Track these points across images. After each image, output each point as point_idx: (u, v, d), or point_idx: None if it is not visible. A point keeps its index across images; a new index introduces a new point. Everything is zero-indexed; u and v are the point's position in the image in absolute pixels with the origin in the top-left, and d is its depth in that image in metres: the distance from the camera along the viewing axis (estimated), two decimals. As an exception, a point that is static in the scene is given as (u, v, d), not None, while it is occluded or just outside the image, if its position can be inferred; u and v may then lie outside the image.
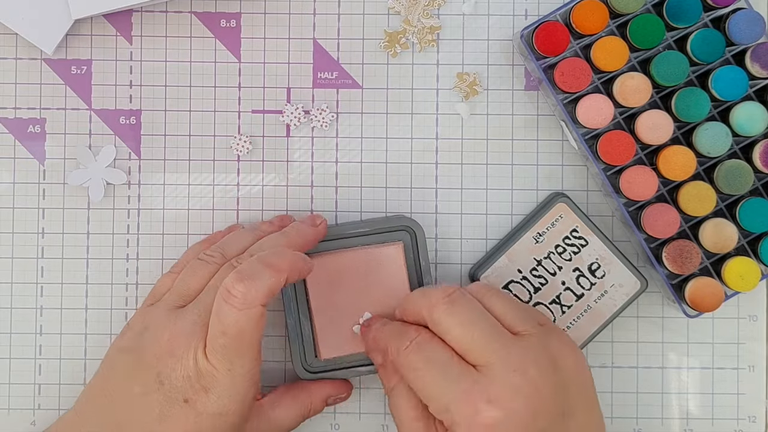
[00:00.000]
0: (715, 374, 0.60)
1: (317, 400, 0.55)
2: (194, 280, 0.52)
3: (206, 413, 0.49)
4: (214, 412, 0.49)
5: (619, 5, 0.55)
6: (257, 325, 0.48)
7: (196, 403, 0.49)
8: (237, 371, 0.48)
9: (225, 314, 0.48)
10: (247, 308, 0.47)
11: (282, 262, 0.49)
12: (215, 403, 0.49)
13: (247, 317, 0.47)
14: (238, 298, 0.47)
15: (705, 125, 0.55)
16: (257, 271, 0.48)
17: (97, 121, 0.59)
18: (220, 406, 0.49)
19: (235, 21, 0.59)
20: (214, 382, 0.49)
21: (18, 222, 0.59)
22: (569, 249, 0.57)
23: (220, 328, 0.48)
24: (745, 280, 0.55)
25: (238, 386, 0.49)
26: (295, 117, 0.59)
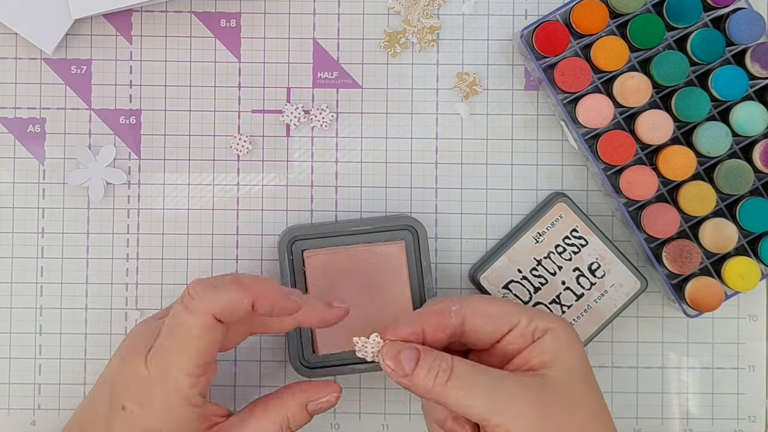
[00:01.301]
0: (715, 374, 0.60)
1: (294, 408, 0.49)
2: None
3: (138, 426, 0.46)
4: (144, 426, 0.46)
5: (619, 5, 0.55)
6: (203, 334, 0.45)
7: (132, 413, 0.46)
8: (171, 384, 0.46)
9: (176, 313, 0.46)
10: (197, 312, 0.45)
11: (252, 283, 0.46)
12: (148, 417, 0.46)
13: (194, 322, 0.45)
14: (193, 300, 0.45)
15: (705, 125, 0.55)
16: (222, 282, 0.46)
17: (97, 121, 0.59)
18: (152, 421, 0.46)
19: (235, 21, 0.59)
20: (148, 394, 0.46)
21: (18, 222, 0.59)
22: (569, 249, 0.57)
23: (167, 328, 0.46)
24: (745, 280, 0.55)
25: (171, 402, 0.46)
26: (295, 117, 0.59)
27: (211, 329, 0.46)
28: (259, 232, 0.59)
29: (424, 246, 0.57)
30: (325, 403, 0.50)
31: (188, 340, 0.45)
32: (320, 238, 0.57)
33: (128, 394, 0.46)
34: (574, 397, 0.47)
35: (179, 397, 0.46)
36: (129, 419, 0.46)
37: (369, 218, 0.58)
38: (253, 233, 0.59)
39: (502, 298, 0.53)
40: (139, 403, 0.46)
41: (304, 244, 0.57)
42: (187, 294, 0.46)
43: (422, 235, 0.57)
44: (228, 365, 0.59)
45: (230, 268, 0.59)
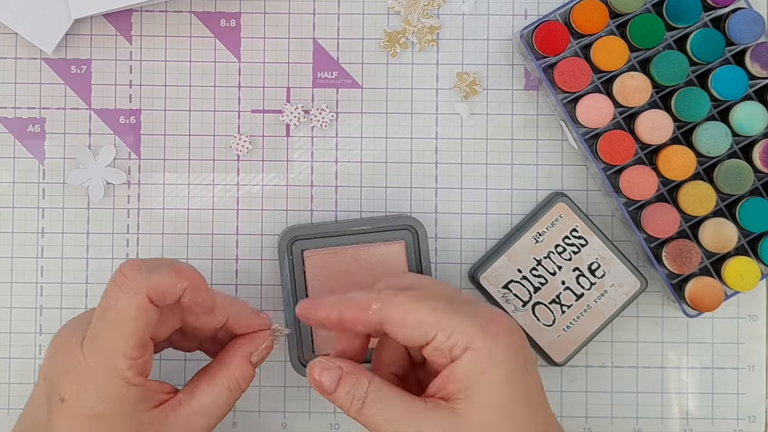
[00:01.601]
0: (715, 374, 0.60)
1: (238, 367, 0.49)
2: None
3: (78, 414, 0.45)
4: (84, 414, 0.45)
5: (619, 5, 0.55)
6: (139, 314, 0.45)
7: (71, 404, 0.45)
8: (109, 367, 0.45)
9: (108, 294, 0.45)
10: (131, 291, 0.45)
11: (186, 270, 0.47)
12: (86, 404, 0.45)
13: (129, 301, 0.44)
14: (126, 278, 0.45)
15: (705, 125, 0.55)
16: (158, 263, 0.46)
17: (97, 121, 0.59)
18: (91, 409, 0.45)
19: (235, 21, 0.59)
20: (85, 378, 0.45)
21: (18, 222, 0.59)
22: (569, 249, 0.57)
23: (100, 310, 0.46)
24: (745, 280, 0.55)
25: (109, 385, 0.45)
26: (294, 117, 0.59)
27: (146, 309, 0.45)
28: (259, 232, 0.59)
29: (424, 246, 0.57)
30: (265, 350, 0.51)
31: (124, 321, 0.45)
32: (320, 238, 0.57)
33: (65, 385, 0.46)
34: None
35: (118, 379, 0.45)
36: (69, 409, 0.45)
37: (369, 218, 0.58)
38: (253, 233, 0.59)
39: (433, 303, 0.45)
40: (77, 391, 0.45)
41: (304, 244, 0.57)
42: (120, 274, 0.45)
43: (422, 235, 0.57)
44: (228, 365, 0.59)
45: (230, 268, 0.59)
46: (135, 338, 0.45)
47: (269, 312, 0.59)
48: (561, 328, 0.57)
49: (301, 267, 0.56)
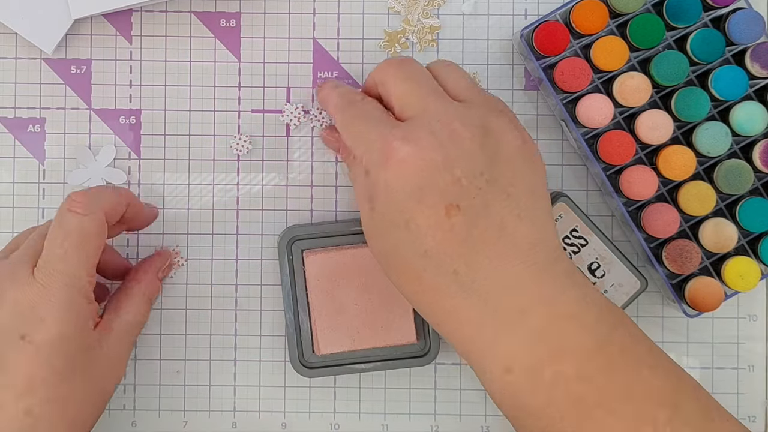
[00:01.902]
0: (715, 374, 0.60)
1: (149, 282, 0.55)
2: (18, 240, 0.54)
3: (46, 343, 0.47)
4: (52, 339, 0.47)
5: (619, 5, 0.55)
6: (100, 230, 0.49)
7: (33, 336, 0.47)
8: (75, 285, 0.48)
9: (67, 221, 0.48)
10: (90, 213, 0.48)
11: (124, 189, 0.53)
12: (51, 328, 0.47)
13: (91, 220, 0.48)
14: (81, 203, 0.49)
15: (705, 125, 0.55)
16: (99, 188, 0.51)
17: (97, 121, 0.59)
18: (57, 331, 0.47)
19: (235, 21, 0.59)
20: (49, 304, 0.47)
21: (18, 222, 0.59)
22: (569, 248, 0.57)
23: (61, 235, 0.48)
24: (745, 280, 0.55)
25: (74, 304, 0.48)
26: (295, 117, 0.59)
27: (103, 228, 0.49)
28: (259, 232, 0.59)
29: (424, 246, 0.56)
30: (168, 268, 0.57)
31: (88, 240, 0.48)
32: (320, 238, 0.57)
33: (23, 321, 0.47)
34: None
35: (81, 296, 0.49)
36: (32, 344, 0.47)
37: (369, 218, 0.58)
38: (253, 233, 0.59)
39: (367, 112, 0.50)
40: (39, 320, 0.47)
41: (304, 244, 0.57)
42: (72, 200, 0.49)
43: (422, 235, 0.56)
44: (228, 365, 0.59)
45: (230, 268, 0.59)
46: (95, 255, 0.49)
47: (268, 313, 0.59)
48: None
49: (301, 267, 0.56)
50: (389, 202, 0.46)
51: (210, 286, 0.59)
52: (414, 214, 0.45)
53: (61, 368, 0.48)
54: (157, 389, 0.59)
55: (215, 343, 0.59)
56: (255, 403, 0.59)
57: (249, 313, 0.59)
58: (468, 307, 0.45)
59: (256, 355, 0.59)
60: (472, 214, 0.45)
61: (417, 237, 0.45)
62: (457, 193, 0.45)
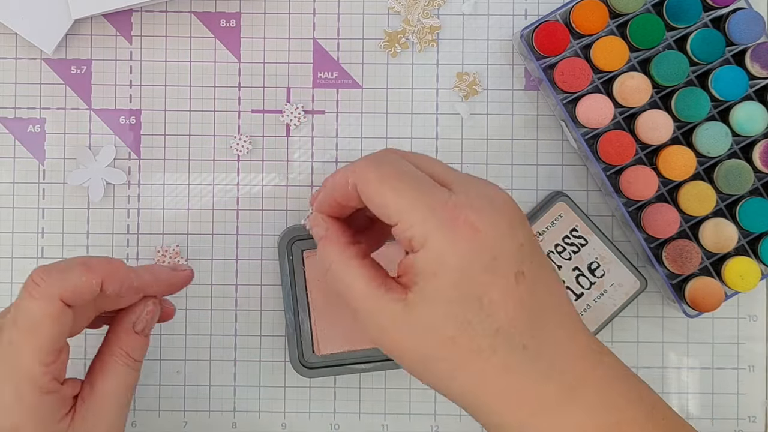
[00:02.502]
0: (715, 374, 0.60)
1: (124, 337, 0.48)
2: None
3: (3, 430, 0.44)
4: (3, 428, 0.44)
5: (619, 5, 0.55)
6: (54, 322, 0.43)
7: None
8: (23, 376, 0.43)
9: (20, 302, 0.44)
10: (44, 298, 0.43)
11: (98, 264, 0.45)
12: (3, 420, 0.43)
13: (42, 309, 0.43)
14: (38, 286, 0.43)
15: (705, 125, 0.55)
16: (68, 265, 0.45)
17: (97, 121, 0.59)
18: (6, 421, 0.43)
19: (235, 21, 0.59)
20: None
21: (18, 222, 0.59)
22: (569, 248, 0.57)
23: (12, 320, 0.44)
24: (745, 280, 0.55)
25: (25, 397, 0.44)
26: (295, 117, 0.59)
27: (60, 315, 0.44)
28: (259, 232, 0.59)
29: (424, 246, 0.56)
30: (147, 315, 0.49)
31: (37, 329, 0.43)
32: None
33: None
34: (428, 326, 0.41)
35: (33, 388, 0.44)
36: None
37: (369, 218, 0.58)
38: (253, 233, 0.59)
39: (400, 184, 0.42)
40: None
41: (304, 244, 0.57)
42: (32, 281, 0.44)
43: (422, 235, 0.56)
44: (228, 365, 0.59)
45: (230, 268, 0.59)
46: (50, 344, 0.44)
47: (269, 313, 0.59)
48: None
49: (301, 267, 0.56)
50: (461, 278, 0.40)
51: (210, 287, 0.59)
52: (489, 288, 0.41)
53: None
54: (157, 389, 0.59)
55: (215, 343, 0.59)
56: (255, 404, 0.59)
57: (249, 313, 0.59)
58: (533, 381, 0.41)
59: (256, 356, 0.59)
60: (533, 279, 0.42)
61: (490, 313, 0.41)
62: (521, 258, 0.42)
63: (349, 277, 0.43)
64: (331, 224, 0.45)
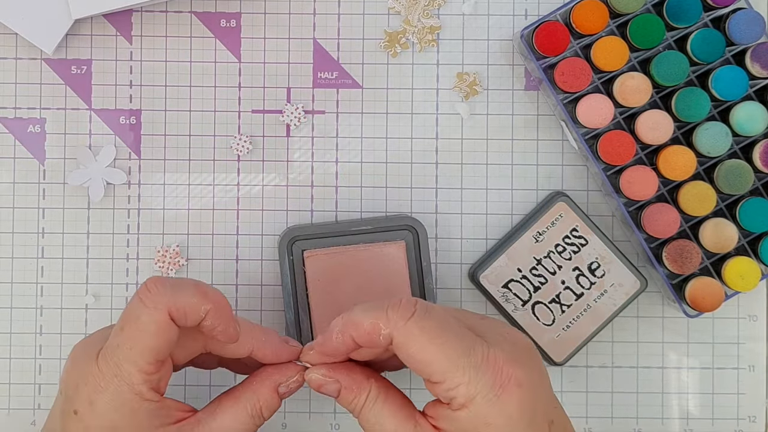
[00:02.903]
0: (715, 374, 0.60)
1: (265, 395, 0.48)
2: None
3: (94, 426, 0.45)
4: (100, 426, 0.45)
5: (619, 5, 0.55)
6: (159, 332, 0.44)
7: (84, 415, 0.45)
8: (123, 379, 0.44)
9: (130, 307, 0.45)
10: (154, 307, 0.44)
11: (211, 292, 0.46)
12: (100, 415, 0.45)
13: (149, 316, 0.44)
14: (150, 293, 0.44)
15: (705, 125, 0.55)
16: (183, 283, 0.46)
17: (97, 121, 0.59)
18: (105, 420, 0.45)
19: (235, 21, 0.59)
20: (99, 390, 0.45)
21: (18, 222, 0.59)
22: (569, 248, 0.57)
23: (120, 322, 0.45)
24: (745, 280, 0.55)
25: (124, 398, 0.45)
26: (295, 117, 0.59)
27: (166, 327, 0.45)
28: (259, 232, 0.59)
29: (424, 246, 0.57)
30: (295, 383, 0.49)
31: (142, 335, 0.44)
32: (320, 238, 0.57)
33: (79, 396, 0.45)
34: None
35: (131, 393, 0.45)
36: (82, 422, 0.45)
37: (369, 218, 0.58)
38: (253, 233, 0.59)
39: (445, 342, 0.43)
40: (90, 403, 0.45)
41: (304, 244, 0.57)
42: (144, 288, 0.45)
43: (422, 235, 0.57)
44: (228, 365, 0.59)
45: (230, 268, 0.59)
46: (152, 354, 0.45)
47: (269, 313, 0.59)
48: (561, 327, 0.57)
49: (302, 267, 0.56)
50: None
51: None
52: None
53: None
54: (157, 389, 0.59)
55: (215, 343, 0.59)
56: (255, 403, 0.59)
57: (249, 313, 0.59)
58: None
59: (257, 355, 0.59)
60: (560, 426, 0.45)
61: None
62: (552, 405, 0.45)
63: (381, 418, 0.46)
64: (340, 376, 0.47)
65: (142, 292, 0.45)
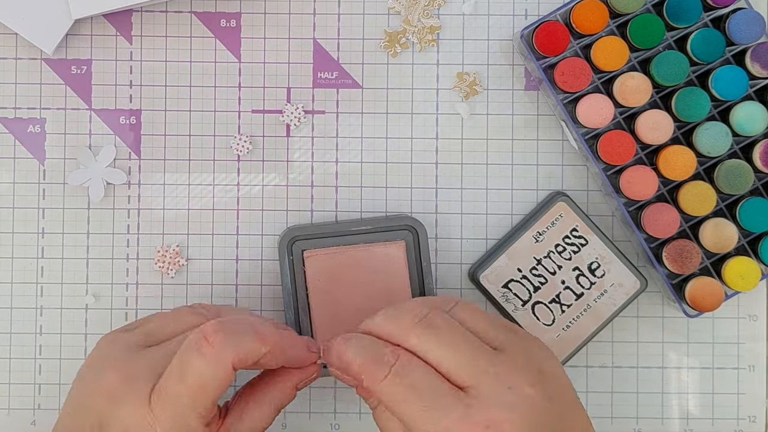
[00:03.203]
0: (715, 374, 0.60)
1: (286, 393, 0.50)
2: (172, 325, 0.50)
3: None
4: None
5: (619, 5, 0.55)
6: (221, 384, 0.44)
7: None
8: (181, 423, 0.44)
9: (191, 361, 0.44)
10: (216, 362, 0.44)
11: (271, 333, 0.46)
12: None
13: (214, 372, 0.44)
14: (213, 348, 0.44)
15: (705, 125, 0.55)
16: (243, 329, 0.45)
17: (97, 121, 0.59)
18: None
19: (235, 21, 0.59)
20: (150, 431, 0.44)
21: (18, 222, 0.59)
22: (569, 248, 0.57)
23: (179, 373, 0.44)
24: (745, 280, 0.55)
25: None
26: (295, 117, 0.59)
27: (229, 378, 0.45)
28: (259, 232, 0.59)
29: (424, 246, 0.57)
30: (312, 380, 0.51)
31: (205, 391, 0.44)
32: (320, 238, 0.57)
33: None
34: None
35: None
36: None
37: (369, 218, 0.58)
38: (253, 233, 0.59)
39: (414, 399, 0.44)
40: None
41: (304, 244, 0.57)
42: (205, 340, 0.44)
43: (422, 235, 0.57)
44: (228, 365, 0.59)
45: (230, 268, 0.59)
46: (213, 404, 0.45)
47: (269, 313, 0.59)
48: (561, 327, 0.57)
49: (302, 267, 0.56)
50: None
51: (210, 287, 0.59)
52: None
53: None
54: (158, 389, 0.59)
55: (215, 343, 0.59)
56: (255, 403, 0.59)
57: (249, 313, 0.59)
58: None
59: (257, 355, 0.59)
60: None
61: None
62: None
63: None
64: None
65: (204, 345, 0.44)
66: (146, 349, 0.48)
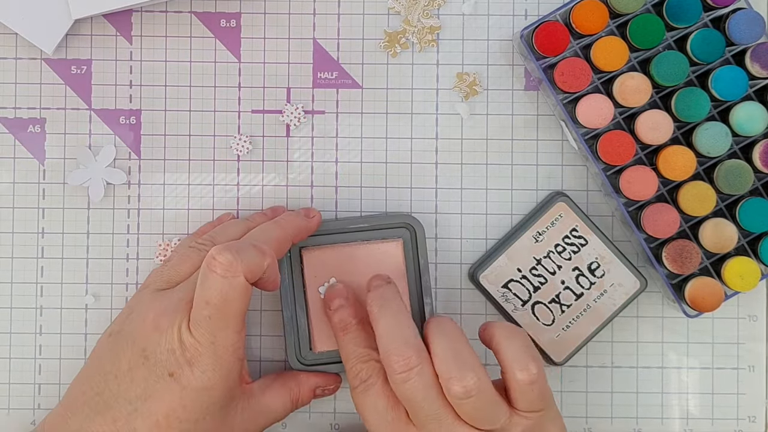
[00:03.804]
0: (715, 374, 0.60)
1: (305, 390, 0.55)
2: (184, 266, 0.53)
3: (191, 387, 0.49)
4: (198, 386, 0.49)
5: (619, 5, 0.55)
6: (241, 295, 0.49)
7: (181, 377, 0.49)
8: (220, 343, 0.49)
9: (209, 282, 0.48)
10: (231, 276, 0.48)
11: (267, 248, 0.50)
12: (199, 377, 0.49)
13: (231, 285, 0.48)
14: (223, 265, 0.48)
15: (705, 125, 0.55)
16: (243, 246, 0.49)
17: (97, 121, 0.59)
18: (204, 380, 0.49)
19: (235, 21, 0.59)
20: (198, 355, 0.49)
21: (18, 222, 0.59)
22: (569, 248, 0.57)
23: (204, 298, 0.48)
24: (745, 280, 0.55)
25: (222, 360, 0.49)
26: (295, 117, 0.59)
27: (246, 289, 0.49)
28: (259, 232, 0.59)
29: (421, 244, 0.57)
30: (329, 391, 0.57)
31: (231, 304, 0.48)
32: (318, 236, 0.57)
33: (175, 361, 0.49)
34: None
35: (229, 353, 0.49)
36: (179, 383, 0.49)
37: (367, 216, 0.58)
38: (253, 233, 0.59)
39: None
40: (189, 367, 0.49)
41: (302, 242, 0.57)
42: (216, 262, 0.48)
43: (420, 233, 0.57)
44: (228, 365, 0.59)
45: (230, 268, 0.59)
46: (241, 315, 0.49)
47: (268, 312, 0.59)
48: (560, 327, 0.57)
49: (299, 264, 0.56)
50: None
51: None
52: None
53: (199, 414, 0.49)
54: (157, 389, 0.59)
55: (215, 343, 0.59)
56: (255, 403, 0.59)
57: (249, 312, 0.59)
58: None
59: (257, 355, 0.59)
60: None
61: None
62: None
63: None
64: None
65: (214, 265, 0.48)
66: (173, 289, 0.52)
